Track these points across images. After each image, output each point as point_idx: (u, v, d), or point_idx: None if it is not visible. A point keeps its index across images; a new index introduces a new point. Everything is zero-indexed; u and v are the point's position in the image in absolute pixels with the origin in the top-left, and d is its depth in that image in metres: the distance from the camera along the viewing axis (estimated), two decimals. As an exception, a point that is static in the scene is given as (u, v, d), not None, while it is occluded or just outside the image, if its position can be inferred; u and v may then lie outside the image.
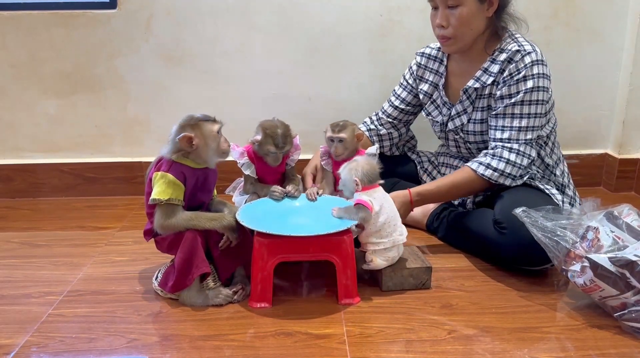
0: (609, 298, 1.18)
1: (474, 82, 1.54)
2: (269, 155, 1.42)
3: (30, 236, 1.71)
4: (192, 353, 1.11)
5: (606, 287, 1.16)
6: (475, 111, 1.57)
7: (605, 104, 2.10)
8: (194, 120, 1.27)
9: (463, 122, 1.60)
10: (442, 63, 1.66)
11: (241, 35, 1.98)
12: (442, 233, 1.64)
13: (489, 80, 1.51)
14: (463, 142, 1.64)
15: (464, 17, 1.45)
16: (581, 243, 1.22)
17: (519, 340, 1.16)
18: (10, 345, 1.14)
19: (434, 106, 1.69)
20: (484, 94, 1.54)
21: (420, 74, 1.70)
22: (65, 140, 2.05)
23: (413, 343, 1.15)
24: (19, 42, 1.94)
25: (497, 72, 1.50)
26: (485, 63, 1.53)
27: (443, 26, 1.48)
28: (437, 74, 1.67)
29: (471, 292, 1.36)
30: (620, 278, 1.14)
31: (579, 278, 1.21)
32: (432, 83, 1.68)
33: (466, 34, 1.49)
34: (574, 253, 1.23)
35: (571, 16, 2.00)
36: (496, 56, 1.51)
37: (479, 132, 1.58)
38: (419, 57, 1.71)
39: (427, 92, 1.69)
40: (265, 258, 1.26)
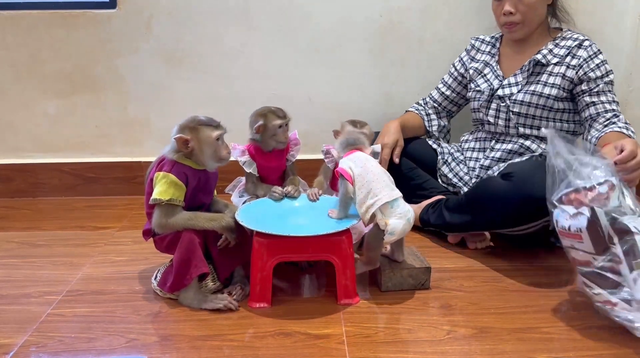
0: (579, 251, 1.16)
1: (542, 57, 1.64)
2: (277, 133, 1.43)
3: (30, 236, 1.71)
4: (191, 353, 1.12)
5: (587, 242, 1.13)
6: (529, 83, 1.65)
7: (605, 104, 2.10)
8: (194, 123, 1.26)
9: (513, 91, 1.67)
10: (495, 46, 1.79)
11: (241, 35, 1.98)
12: (435, 218, 1.63)
13: (553, 60, 1.63)
14: (506, 111, 1.68)
15: (532, 3, 1.60)
16: (590, 190, 1.15)
17: (518, 340, 1.16)
18: (9, 345, 1.14)
19: (483, 79, 1.76)
20: (544, 71, 1.64)
21: (472, 54, 1.82)
22: (65, 140, 2.05)
23: (412, 343, 1.15)
24: (18, 42, 1.94)
25: (564, 55, 1.62)
26: (549, 45, 1.66)
27: (512, 12, 1.61)
28: (489, 54, 1.78)
29: (470, 292, 1.36)
30: (605, 240, 1.11)
31: (565, 220, 1.16)
32: (484, 61, 1.78)
33: (533, 19, 1.63)
34: (576, 196, 1.16)
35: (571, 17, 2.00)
36: (559, 41, 1.65)
37: (527, 103, 1.64)
38: (474, 40, 1.83)
39: (477, 69, 1.78)
40: (265, 258, 1.26)
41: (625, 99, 2.05)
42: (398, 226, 1.24)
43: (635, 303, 1.09)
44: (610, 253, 1.11)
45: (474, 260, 1.53)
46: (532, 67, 1.65)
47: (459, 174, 1.79)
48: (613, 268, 1.11)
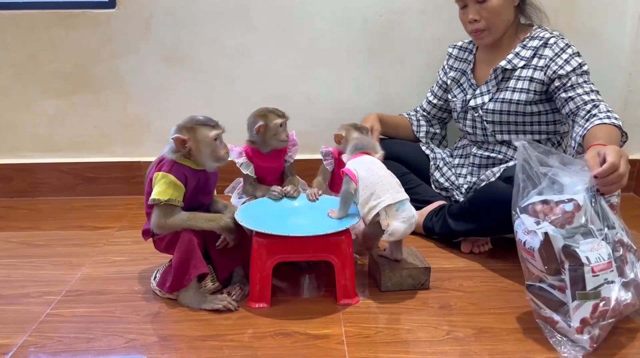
0: (532, 266, 1.15)
1: (506, 63, 1.62)
2: (278, 132, 1.43)
3: (29, 236, 1.71)
4: (190, 353, 1.11)
5: (539, 261, 1.11)
6: (499, 91, 1.64)
7: (605, 105, 2.10)
8: (191, 123, 1.26)
9: (484, 101, 1.66)
10: (472, 52, 1.77)
11: (241, 35, 1.98)
12: (439, 227, 1.61)
13: (520, 63, 1.60)
14: (480, 121, 1.68)
15: (495, 9, 1.57)
16: (553, 205, 1.12)
17: (518, 340, 1.16)
18: (8, 345, 1.14)
19: (460, 89, 1.77)
20: (512, 76, 1.62)
21: (451, 63, 1.81)
22: (65, 140, 2.05)
23: (411, 343, 1.15)
24: (18, 41, 1.94)
25: (530, 57, 1.59)
26: (516, 48, 1.63)
27: (476, 20, 1.59)
28: (466, 62, 1.78)
29: (470, 293, 1.36)
30: (557, 263, 1.10)
31: (523, 234, 1.14)
32: (460, 70, 1.78)
33: (499, 25, 1.60)
34: (542, 208, 1.13)
35: (570, 17, 2.00)
36: (527, 42, 1.62)
37: (498, 111, 1.64)
38: (451, 49, 1.82)
39: (454, 78, 1.79)
40: (264, 258, 1.26)
41: (625, 99, 2.05)
42: (399, 229, 1.25)
43: (572, 330, 1.09)
44: (560, 276, 1.10)
45: (473, 260, 1.53)
46: (499, 74, 1.64)
47: (450, 179, 1.78)
48: (561, 287, 1.10)
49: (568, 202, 1.11)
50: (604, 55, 2.04)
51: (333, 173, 1.54)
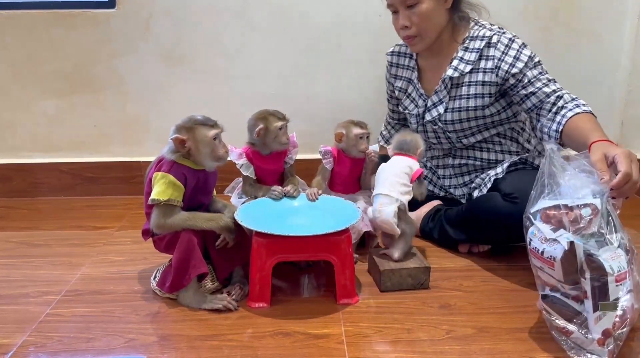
0: (547, 275, 1.11)
1: (453, 72, 1.55)
2: (278, 134, 1.42)
3: (29, 236, 1.71)
4: (190, 353, 1.11)
5: (558, 271, 1.07)
6: (452, 99, 1.58)
7: (604, 104, 2.09)
8: (190, 122, 1.26)
9: (440, 112, 1.60)
10: (412, 57, 1.68)
11: (240, 35, 1.98)
12: (438, 233, 1.62)
13: (466, 68, 1.53)
14: (442, 132, 1.64)
15: (424, 13, 1.48)
16: (570, 211, 1.08)
17: (517, 340, 1.16)
18: (8, 345, 1.14)
19: (409, 99, 1.70)
20: (462, 83, 1.55)
21: (393, 72, 1.73)
22: (64, 140, 2.05)
23: (411, 343, 1.15)
24: (17, 41, 1.94)
25: (476, 59, 1.52)
26: (459, 52, 1.55)
27: (407, 26, 1.51)
28: (409, 69, 1.69)
29: (469, 292, 1.36)
30: (577, 274, 1.06)
31: (540, 242, 1.09)
32: (405, 78, 1.70)
33: (430, 30, 1.52)
34: (555, 213, 1.08)
35: (570, 17, 2.01)
36: (468, 43, 1.54)
37: (457, 120, 1.58)
38: (390, 56, 1.73)
39: (401, 88, 1.71)
40: (264, 258, 1.26)
41: (625, 99, 2.05)
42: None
43: (589, 341, 1.06)
44: (578, 287, 1.07)
45: (473, 260, 1.53)
46: (448, 83, 1.57)
47: (444, 188, 1.73)
48: (577, 297, 1.08)
49: (586, 207, 1.06)
50: (604, 54, 2.05)
51: (333, 172, 1.54)
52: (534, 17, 1.98)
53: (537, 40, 1.89)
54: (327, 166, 1.53)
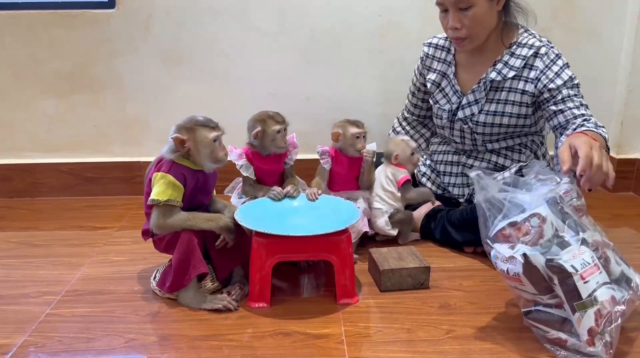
0: (522, 292, 1.13)
1: (496, 75, 1.54)
2: (276, 137, 1.42)
3: (29, 236, 1.71)
4: (190, 353, 1.11)
5: (528, 285, 1.09)
6: (488, 102, 1.57)
7: (604, 104, 2.10)
8: (191, 123, 1.26)
9: (474, 112, 1.59)
10: (450, 52, 1.65)
11: (240, 35, 1.98)
12: (440, 234, 1.61)
13: (510, 74, 1.53)
14: (470, 132, 1.63)
15: (477, 17, 1.46)
16: (520, 225, 1.11)
17: (518, 339, 1.16)
18: (8, 345, 1.14)
19: (442, 94, 1.67)
20: (502, 87, 1.55)
21: (428, 64, 1.70)
22: (64, 140, 2.05)
23: (411, 343, 1.15)
24: (17, 41, 1.94)
25: (521, 67, 1.51)
26: (504, 56, 1.54)
27: (457, 28, 1.48)
28: (445, 63, 1.66)
29: (469, 292, 1.36)
30: (546, 280, 1.08)
31: (502, 263, 1.11)
32: (440, 72, 1.67)
33: (480, 33, 1.50)
34: (510, 231, 1.11)
35: (570, 17, 2.01)
36: (515, 49, 1.53)
37: (490, 124, 1.58)
38: (427, 47, 1.70)
39: (434, 81, 1.68)
40: (264, 258, 1.26)
41: (625, 99, 2.05)
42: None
43: (583, 343, 1.05)
44: (555, 294, 1.09)
45: (473, 260, 1.53)
46: (488, 85, 1.56)
47: (442, 186, 1.74)
48: (559, 304, 1.09)
49: (532, 217, 1.09)
50: (603, 54, 2.05)
51: (331, 172, 1.54)
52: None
53: (537, 40, 1.88)
54: (325, 166, 1.53)
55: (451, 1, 1.45)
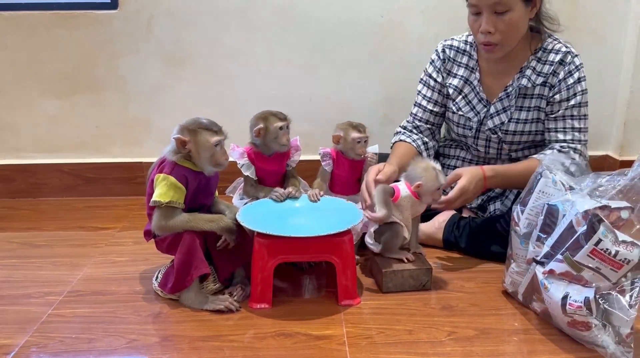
0: (600, 276, 1.10)
1: (526, 81, 1.50)
2: (278, 135, 1.42)
3: (31, 237, 1.71)
4: (191, 354, 1.11)
5: (621, 273, 1.09)
6: (517, 110, 1.53)
7: (606, 105, 2.09)
8: (194, 125, 1.25)
9: (503, 121, 1.54)
10: (472, 57, 1.58)
11: (242, 36, 1.98)
12: (465, 243, 1.55)
13: (538, 80, 1.49)
14: (498, 141, 1.58)
15: (512, 22, 1.40)
16: (610, 211, 1.12)
17: (519, 341, 1.15)
18: (10, 345, 1.14)
19: (465, 101, 1.60)
20: (532, 94, 1.51)
21: (448, 67, 1.61)
22: (66, 140, 2.05)
23: (413, 344, 1.15)
24: (19, 42, 1.94)
25: (549, 72, 1.48)
26: (531, 62, 1.50)
27: (490, 32, 1.40)
28: (468, 68, 1.59)
29: (471, 294, 1.35)
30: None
31: (612, 244, 1.08)
32: (463, 77, 1.59)
33: (513, 38, 1.44)
34: (609, 215, 1.12)
35: (572, 18, 2.00)
36: (541, 55, 1.50)
37: (520, 132, 1.54)
38: (448, 49, 1.61)
39: (457, 87, 1.60)
40: (266, 258, 1.26)
41: (627, 100, 2.05)
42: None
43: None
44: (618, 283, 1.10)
45: (474, 261, 1.53)
46: (517, 92, 1.51)
47: None
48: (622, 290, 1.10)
49: (624, 209, 1.11)
50: (606, 55, 2.04)
51: (332, 174, 1.54)
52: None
53: (539, 41, 1.88)
54: (327, 168, 1.52)
55: (488, 3, 1.37)
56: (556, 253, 1.15)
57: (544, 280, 1.16)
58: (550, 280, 1.15)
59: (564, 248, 1.13)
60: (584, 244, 1.09)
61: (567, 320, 1.12)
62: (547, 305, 1.17)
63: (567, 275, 1.12)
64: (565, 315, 1.11)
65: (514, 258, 1.31)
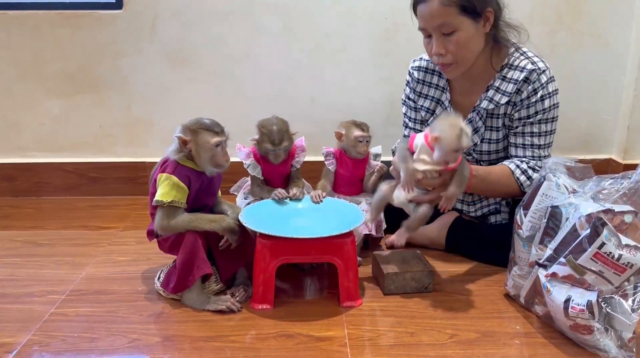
0: (602, 280, 1.09)
1: (488, 103, 1.47)
2: (268, 153, 1.43)
3: (33, 235, 1.71)
4: (193, 354, 1.11)
5: (624, 276, 1.08)
6: (487, 130, 1.51)
7: (610, 108, 2.09)
8: (196, 125, 1.26)
9: (476, 142, 1.52)
10: (442, 76, 1.55)
11: (246, 36, 1.98)
12: (468, 249, 1.55)
13: (502, 99, 1.45)
14: (475, 161, 1.56)
15: (462, 42, 1.37)
16: (614, 215, 1.11)
17: (521, 345, 1.15)
18: (12, 344, 1.14)
19: None
20: (498, 114, 1.48)
21: (419, 89, 1.60)
22: (69, 140, 2.05)
23: (414, 346, 1.14)
24: (23, 41, 1.95)
25: (513, 92, 1.44)
26: (495, 81, 1.46)
27: (441, 54, 1.40)
28: (438, 89, 1.57)
29: (473, 296, 1.35)
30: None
31: (615, 247, 1.08)
32: (434, 98, 1.58)
33: (467, 57, 1.41)
34: (612, 218, 1.11)
35: (576, 20, 2.00)
36: (506, 72, 1.45)
37: (494, 151, 1.53)
38: (416, 72, 1.60)
39: (428, 109, 1.59)
40: (268, 259, 1.26)
41: (631, 103, 2.04)
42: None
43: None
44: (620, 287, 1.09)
45: (477, 264, 1.53)
46: (483, 113, 1.49)
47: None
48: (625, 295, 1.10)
49: (627, 213, 1.10)
50: (609, 58, 2.04)
51: (335, 173, 1.54)
52: (540, 21, 1.98)
53: (543, 44, 1.88)
54: (330, 167, 1.53)
55: (433, 26, 1.37)
56: (559, 256, 1.15)
57: (546, 283, 1.16)
58: (553, 283, 1.15)
59: (567, 251, 1.13)
60: (587, 247, 1.08)
61: (569, 323, 1.12)
62: (549, 308, 1.17)
63: (570, 278, 1.12)
64: (568, 319, 1.11)
65: (516, 261, 1.31)
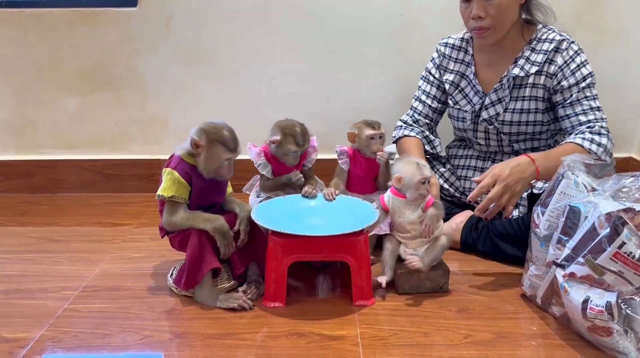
0: (623, 280, 1.06)
1: (519, 71, 1.52)
2: (288, 154, 1.42)
3: (49, 232, 1.73)
4: (204, 351, 1.11)
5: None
6: (512, 100, 1.55)
7: (630, 107, 2.05)
8: (214, 136, 1.24)
9: (498, 111, 1.56)
10: (468, 52, 1.63)
11: (260, 35, 1.98)
12: (483, 245, 1.53)
13: (532, 69, 1.51)
14: (496, 133, 1.59)
15: (502, 6, 1.45)
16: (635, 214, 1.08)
17: (537, 346, 1.13)
18: (25, 339, 1.15)
19: (461, 95, 1.64)
20: (526, 84, 1.53)
21: (445, 64, 1.67)
22: (85, 137, 2.07)
23: (428, 347, 1.13)
24: (40, 39, 1.97)
25: (542, 62, 1.50)
26: (524, 52, 1.52)
27: (481, 17, 1.45)
28: (464, 63, 1.64)
29: (489, 296, 1.33)
30: None
31: (635, 247, 1.05)
32: (459, 72, 1.64)
33: (505, 23, 1.48)
34: (633, 218, 1.07)
35: (595, 18, 1.97)
36: (535, 44, 1.52)
37: (516, 122, 1.56)
38: (443, 47, 1.68)
39: (453, 82, 1.65)
40: (280, 257, 1.25)
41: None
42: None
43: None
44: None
45: (493, 263, 1.50)
46: (512, 82, 1.53)
47: (455, 185, 1.69)
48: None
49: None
50: (629, 56, 2.00)
51: (349, 172, 1.53)
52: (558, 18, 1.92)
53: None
54: (343, 166, 1.52)
55: None
56: (577, 255, 1.12)
57: (564, 283, 1.14)
58: (571, 283, 1.12)
59: (585, 251, 1.10)
60: (607, 247, 1.06)
61: (587, 325, 1.09)
62: (567, 309, 1.14)
63: (589, 278, 1.09)
64: (586, 320, 1.09)
65: (533, 261, 1.28)
